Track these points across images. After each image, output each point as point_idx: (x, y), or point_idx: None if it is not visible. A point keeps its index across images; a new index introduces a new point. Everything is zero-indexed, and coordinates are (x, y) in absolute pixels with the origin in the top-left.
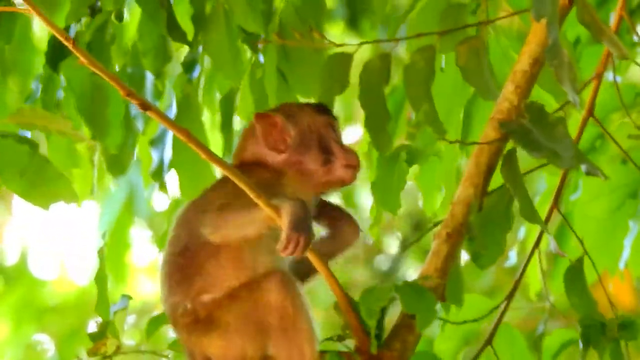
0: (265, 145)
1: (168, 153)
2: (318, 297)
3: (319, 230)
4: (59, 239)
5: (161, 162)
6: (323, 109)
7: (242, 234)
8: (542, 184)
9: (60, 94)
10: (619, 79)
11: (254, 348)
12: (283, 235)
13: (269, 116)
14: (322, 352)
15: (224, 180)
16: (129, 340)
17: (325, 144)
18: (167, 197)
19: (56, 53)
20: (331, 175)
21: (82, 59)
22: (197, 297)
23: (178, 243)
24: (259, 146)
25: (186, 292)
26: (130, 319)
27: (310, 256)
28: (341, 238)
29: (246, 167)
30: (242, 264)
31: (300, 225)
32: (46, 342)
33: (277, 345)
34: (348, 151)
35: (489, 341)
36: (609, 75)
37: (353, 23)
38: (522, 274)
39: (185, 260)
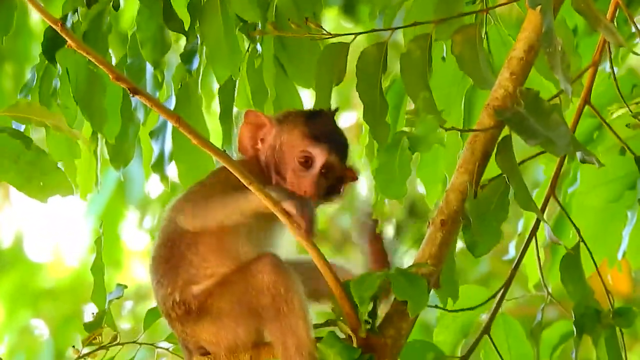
0: (238, 142)
1: (168, 144)
2: None
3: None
4: (54, 222)
5: (161, 154)
6: (320, 138)
7: (218, 222)
8: (540, 175)
9: (57, 83)
10: (616, 68)
11: (247, 332)
12: (290, 212)
13: (258, 115)
14: (317, 338)
15: (217, 171)
16: (124, 324)
17: (282, 169)
18: (167, 189)
19: (52, 43)
20: None
21: (70, 42)
22: (185, 288)
23: (162, 234)
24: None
25: (173, 285)
26: (127, 304)
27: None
28: None
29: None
30: (223, 251)
31: (300, 202)
32: (41, 327)
33: (271, 327)
34: (298, 187)
35: (486, 331)
36: (608, 65)
37: (349, 9)
38: (518, 262)
39: (168, 252)
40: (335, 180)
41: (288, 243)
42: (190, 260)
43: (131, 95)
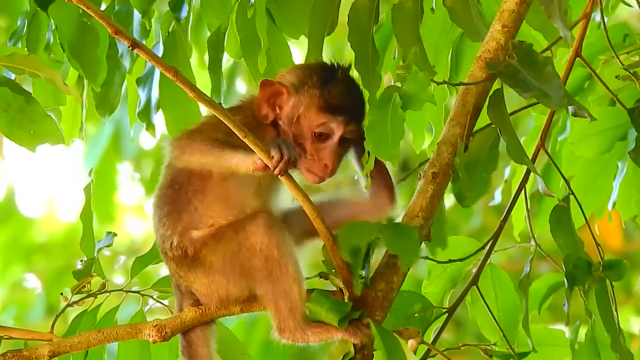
0: (256, 111)
1: (155, 92)
2: None
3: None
4: (47, 176)
5: (148, 101)
6: (337, 110)
7: (202, 167)
8: (530, 123)
9: (50, 36)
10: (606, 20)
11: (238, 289)
12: (271, 148)
13: (274, 84)
14: (309, 291)
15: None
16: (118, 278)
17: (302, 141)
18: (153, 137)
19: None
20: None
21: None
22: (185, 232)
23: (167, 173)
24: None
25: (174, 228)
26: (120, 259)
27: (295, 193)
28: (374, 203)
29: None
30: (229, 202)
31: (282, 145)
32: (33, 281)
33: (263, 287)
34: (319, 160)
35: (474, 282)
36: (598, 16)
37: None
38: (507, 215)
39: (174, 193)
40: (351, 143)
41: None
42: (195, 207)
43: (130, 49)
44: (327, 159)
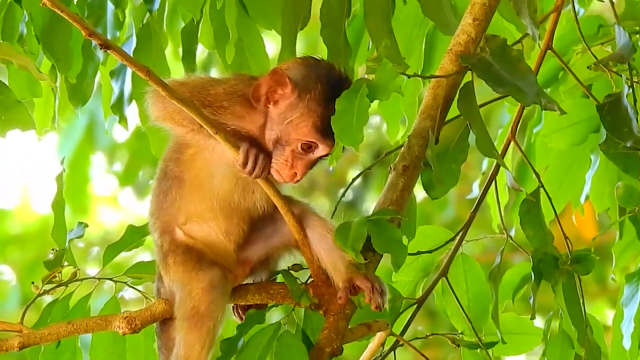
0: (254, 90)
1: (128, 85)
2: None
3: None
4: (21, 168)
5: (121, 94)
6: (330, 133)
7: (172, 129)
8: (505, 117)
9: (23, 28)
10: (582, 11)
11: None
12: (240, 152)
13: (283, 76)
14: (281, 283)
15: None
16: (91, 269)
17: (283, 141)
18: (126, 130)
19: None
20: None
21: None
22: (165, 227)
23: (159, 165)
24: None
25: (154, 224)
26: (94, 250)
27: (265, 187)
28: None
29: None
30: (202, 192)
31: (251, 154)
32: (8, 273)
33: (179, 327)
34: (292, 167)
35: (443, 272)
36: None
37: None
38: (478, 206)
39: (159, 184)
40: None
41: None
42: (174, 196)
43: (103, 50)
44: (299, 169)
